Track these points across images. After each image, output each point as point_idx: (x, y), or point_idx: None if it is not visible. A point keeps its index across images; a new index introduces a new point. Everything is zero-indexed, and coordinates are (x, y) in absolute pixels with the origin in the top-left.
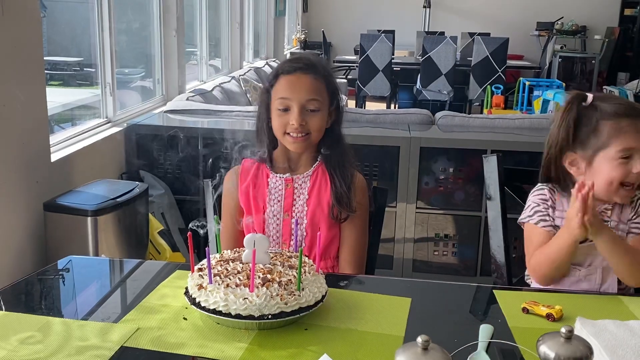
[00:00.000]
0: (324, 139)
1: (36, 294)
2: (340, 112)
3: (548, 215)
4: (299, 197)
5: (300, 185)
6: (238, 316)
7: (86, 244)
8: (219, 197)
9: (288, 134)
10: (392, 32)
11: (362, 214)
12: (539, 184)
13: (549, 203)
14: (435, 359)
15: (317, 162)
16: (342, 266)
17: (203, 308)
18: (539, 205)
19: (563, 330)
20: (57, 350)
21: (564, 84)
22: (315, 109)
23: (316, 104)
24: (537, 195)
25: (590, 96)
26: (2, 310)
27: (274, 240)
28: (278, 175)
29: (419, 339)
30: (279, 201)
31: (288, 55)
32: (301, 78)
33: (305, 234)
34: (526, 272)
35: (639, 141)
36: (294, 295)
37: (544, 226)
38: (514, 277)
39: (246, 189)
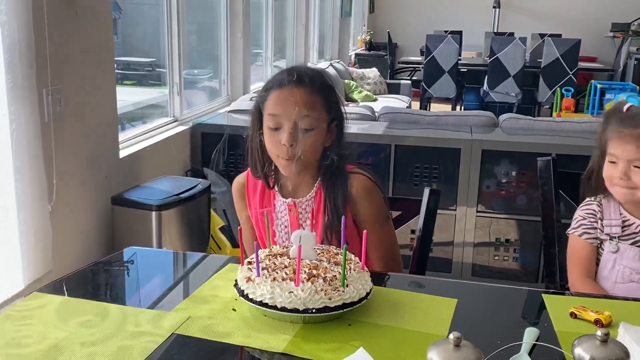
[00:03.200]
0: (323, 158)
1: (98, 281)
2: (342, 129)
3: (593, 228)
4: (305, 222)
5: (305, 209)
6: (283, 309)
7: (150, 237)
8: None
9: (280, 156)
10: (460, 32)
11: (378, 219)
12: (587, 199)
13: (598, 216)
14: (466, 356)
15: (318, 182)
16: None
17: (251, 300)
18: (584, 218)
19: (599, 333)
20: (112, 334)
21: (638, 87)
22: (308, 127)
23: (309, 121)
24: (584, 209)
25: (626, 105)
26: (64, 295)
27: None
28: (282, 199)
29: (451, 336)
30: (285, 226)
31: (352, 57)
32: (293, 92)
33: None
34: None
35: (625, 151)
36: (338, 291)
37: (587, 238)
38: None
39: (255, 209)
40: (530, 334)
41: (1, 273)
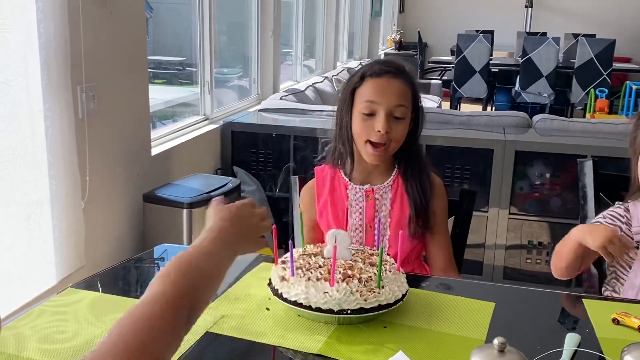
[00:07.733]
0: (401, 147)
1: (131, 278)
2: (420, 120)
3: None
4: (380, 208)
5: (382, 196)
6: (318, 309)
7: (181, 234)
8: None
9: (369, 142)
10: (491, 32)
11: (445, 218)
12: (616, 203)
13: (623, 220)
14: None
15: (395, 170)
16: (437, 274)
17: (285, 299)
18: (604, 217)
19: None
20: None
21: None
22: (400, 116)
23: (403, 110)
24: (609, 211)
25: None
26: (99, 292)
27: None
28: (357, 186)
29: (496, 341)
30: (360, 214)
31: (382, 56)
32: (390, 82)
33: (388, 245)
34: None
35: None
36: (374, 292)
37: None
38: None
39: (324, 205)
40: (571, 340)
41: (34, 268)
